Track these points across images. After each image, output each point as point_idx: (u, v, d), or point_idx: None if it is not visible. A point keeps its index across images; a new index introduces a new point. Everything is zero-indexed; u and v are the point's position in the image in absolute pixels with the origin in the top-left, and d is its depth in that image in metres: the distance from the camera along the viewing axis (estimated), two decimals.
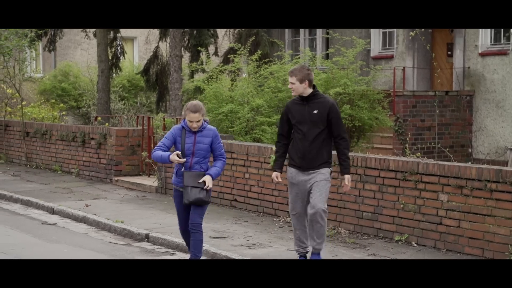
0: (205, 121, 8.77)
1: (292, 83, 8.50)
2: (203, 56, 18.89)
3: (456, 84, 19.56)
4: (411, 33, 17.69)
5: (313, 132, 8.45)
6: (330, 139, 8.55)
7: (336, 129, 8.47)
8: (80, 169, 16.53)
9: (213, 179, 8.65)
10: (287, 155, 8.74)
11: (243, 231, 10.89)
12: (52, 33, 22.30)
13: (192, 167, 8.63)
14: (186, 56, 21.01)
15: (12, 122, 19.26)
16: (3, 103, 20.76)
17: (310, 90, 8.50)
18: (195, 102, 8.76)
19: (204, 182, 8.54)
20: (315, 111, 8.42)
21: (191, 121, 8.59)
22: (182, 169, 8.63)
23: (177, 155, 8.48)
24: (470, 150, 19.05)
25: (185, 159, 8.54)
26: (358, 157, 10.68)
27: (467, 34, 19.25)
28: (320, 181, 8.40)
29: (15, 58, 19.13)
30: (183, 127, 8.71)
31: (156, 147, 8.71)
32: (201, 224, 8.74)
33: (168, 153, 8.59)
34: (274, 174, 8.75)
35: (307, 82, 8.43)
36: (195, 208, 8.68)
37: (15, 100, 21.64)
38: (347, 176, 8.53)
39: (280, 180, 8.72)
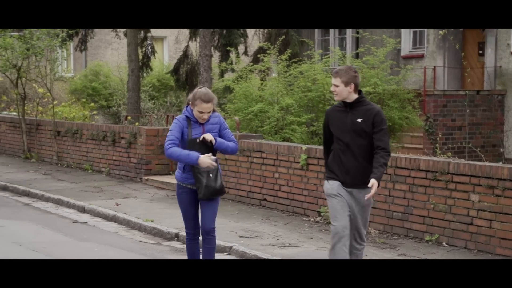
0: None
1: (336, 86, 7.38)
2: (232, 55, 18.95)
3: (488, 83, 19.42)
4: (441, 32, 17.64)
5: (357, 144, 7.36)
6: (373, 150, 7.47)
7: (378, 140, 7.34)
8: (110, 168, 16.62)
9: (216, 144, 7.56)
10: (328, 168, 7.60)
11: (272, 230, 10.89)
12: (84, 33, 22.49)
13: None
14: (216, 55, 21.09)
15: (43, 122, 19.40)
16: (35, 103, 20.93)
17: (355, 96, 7.40)
18: (204, 90, 7.63)
19: (211, 157, 7.46)
20: (359, 120, 7.34)
21: (201, 112, 7.51)
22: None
23: (211, 158, 7.43)
24: (501, 150, 18.90)
25: (217, 164, 7.53)
26: None
27: (499, 33, 19.10)
28: (367, 205, 7.48)
29: (46, 58, 19.27)
30: (187, 117, 7.62)
31: (169, 142, 7.49)
32: (215, 228, 7.83)
33: (196, 153, 7.39)
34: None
35: (352, 85, 7.35)
36: (206, 208, 7.75)
37: (46, 99, 21.81)
38: (373, 181, 7.22)
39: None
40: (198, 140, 7.49)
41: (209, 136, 7.51)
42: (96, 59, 28.98)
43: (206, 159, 7.40)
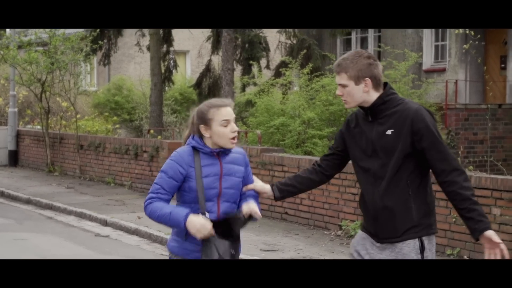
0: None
1: (342, 86, 4.71)
2: (254, 69, 19.01)
3: (510, 97, 19.35)
4: (465, 46, 17.65)
5: (388, 169, 4.62)
6: (423, 178, 4.68)
7: (436, 158, 4.56)
8: (132, 182, 16.70)
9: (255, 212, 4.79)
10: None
11: (293, 244, 10.91)
12: (107, 48, 22.63)
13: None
14: (238, 69, 21.14)
15: (66, 135, 19.55)
16: (58, 116, 21.10)
17: (375, 94, 4.68)
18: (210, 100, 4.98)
19: (248, 216, 4.76)
20: (389, 131, 4.62)
21: (227, 120, 4.74)
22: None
23: (209, 224, 4.60)
24: None
25: (213, 233, 4.61)
26: None
27: None
28: None
29: (70, 72, 19.43)
30: (194, 148, 4.87)
31: (151, 195, 4.75)
32: None
33: (185, 210, 4.64)
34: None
35: (368, 81, 4.65)
36: None
37: (70, 113, 21.98)
38: (488, 234, 4.44)
39: None
40: (241, 216, 4.73)
41: (254, 208, 4.78)
42: (119, 73, 29.15)
43: (198, 222, 4.58)
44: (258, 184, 5.01)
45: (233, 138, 4.77)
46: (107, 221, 12.92)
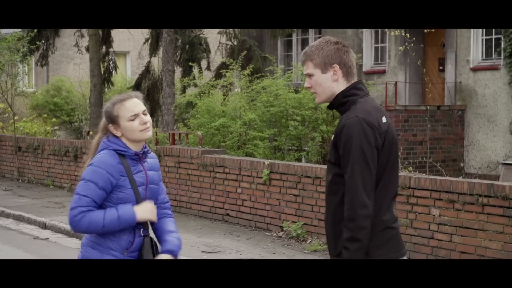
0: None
1: (309, 75, 4.21)
2: (195, 71, 18.94)
3: (448, 98, 19.63)
4: (401, 48, 17.83)
5: (328, 184, 4.22)
6: None
7: (346, 183, 4.04)
8: (72, 184, 16.51)
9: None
10: None
11: (235, 245, 10.89)
12: (44, 48, 22.33)
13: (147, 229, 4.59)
14: (178, 71, 21.06)
15: (4, 137, 19.23)
16: None
17: (342, 86, 4.19)
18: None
19: None
20: (332, 136, 4.14)
21: (136, 114, 4.47)
22: (143, 236, 4.52)
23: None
24: (461, 164, 19.09)
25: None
26: None
27: (459, 49, 19.33)
28: None
29: (7, 73, 19.13)
30: (120, 152, 4.45)
31: (81, 209, 4.34)
32: None
33: (129, 206, 4.40)
34: None
35: (336, 67, 4.15)
36: None
37: (7, 115, 21.65)
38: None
39: None
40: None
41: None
42: (58, 74, 28.82)
43: (146, 207, 4.48)
44: None
45: (144, 129, 4.46)
46: (46, 223, 12.75)
